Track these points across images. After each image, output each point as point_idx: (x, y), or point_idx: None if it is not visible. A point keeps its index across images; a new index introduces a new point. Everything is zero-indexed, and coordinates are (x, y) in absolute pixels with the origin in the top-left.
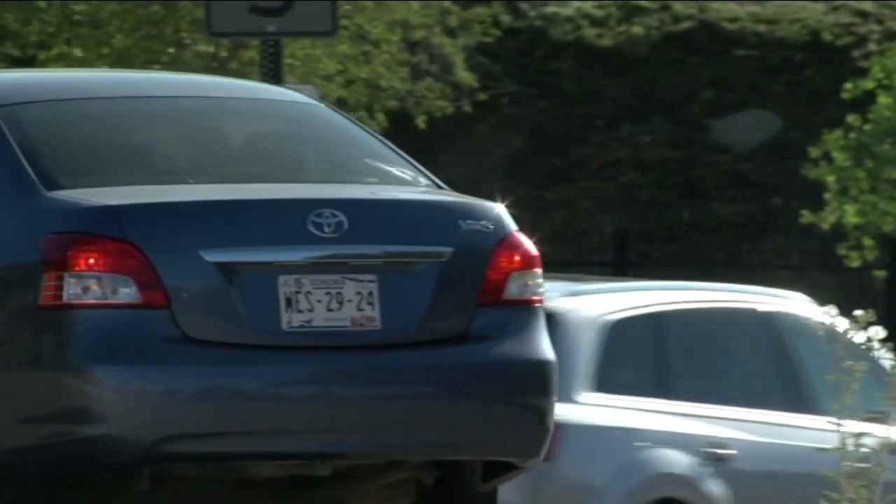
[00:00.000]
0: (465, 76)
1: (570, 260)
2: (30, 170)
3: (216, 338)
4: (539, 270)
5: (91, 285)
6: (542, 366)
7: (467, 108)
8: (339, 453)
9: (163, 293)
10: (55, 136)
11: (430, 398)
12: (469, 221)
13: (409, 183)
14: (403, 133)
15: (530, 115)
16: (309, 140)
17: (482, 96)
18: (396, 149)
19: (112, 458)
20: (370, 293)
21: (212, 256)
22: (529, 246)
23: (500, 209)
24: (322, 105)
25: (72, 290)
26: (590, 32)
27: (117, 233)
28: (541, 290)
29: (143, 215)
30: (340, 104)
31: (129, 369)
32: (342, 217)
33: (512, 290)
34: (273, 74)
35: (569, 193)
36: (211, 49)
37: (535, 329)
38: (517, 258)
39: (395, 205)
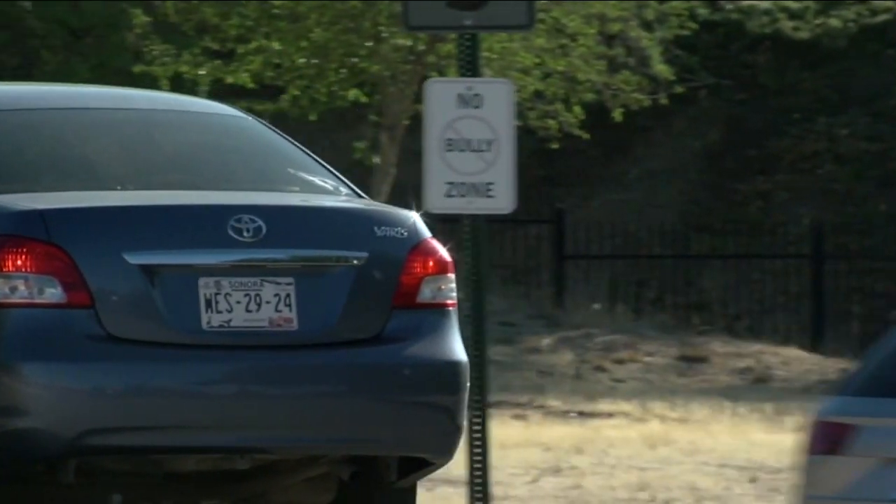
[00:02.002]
0: (661, 69)
1: (765, 253)
2: None
3: (139, 336)
4: (452, 276)
5: (18, 285)
6: (453, 366)
7: (664, 100)
8: (256, 448)
9: (87, 293)
10: None
11: (345, 396)
12: (384, 228)
13: (329, 192)
14: (600, 126)
15: (727, 108)
16: (234, 151)
17: (679, 89)
18: (320, 160)
19: (38, 450)
20: (287, 295)
21: (134, 259)
22: (443, 252)
23: (414, 217)
24: (249, 118)
25: (0, 289)
26: (787, 25)
27: (44, 235)
28: (453, 294)
29: (68, 219)
30: (538, 97)
31: (54, 366)
32: (260, 223)
33: (425, 294)
34: (470, 68)
35: (765, 186)
36: (409, 43)
37: (447, 331)
38: (430, 264)
39: (311, 211)
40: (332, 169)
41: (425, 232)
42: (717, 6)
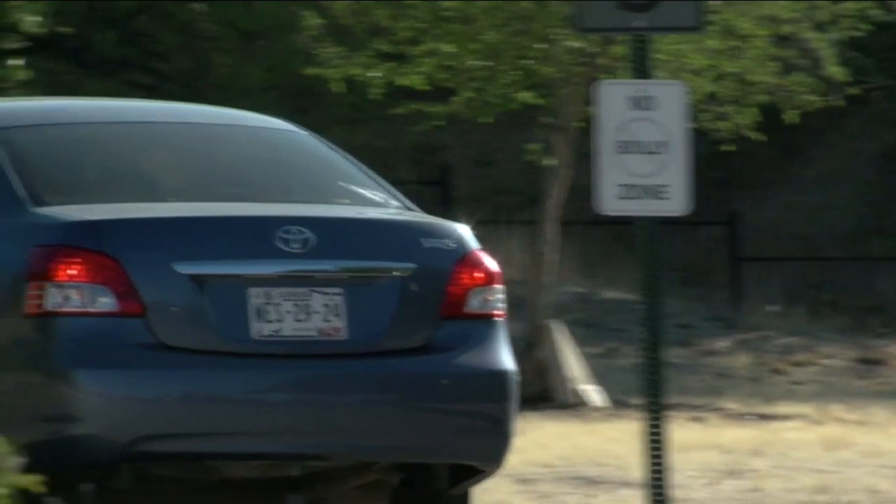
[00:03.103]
0: (835, 71)
1: None
2: (20, 187)
3: (189, 345)
4: (499, 286)
5: (72, 294)
6: (500, 375)
7: (838, 102)
8: (305, 454)
9: (139, 302)
10: (45, 157)
11: (393, 404)
12: (431, 240)
13: (379, 204)
14: (774, 128)
15: None
16: (286, 164)
17: (853, 91)
18: (371, 173)
19: (92, 456)
20: (336, 305)
21: (185, 269)
22: (490, 264)
23: (462, 229)
24: (303, 132)
25: (53, 299)
26: None
27: (96, 246)
28: (501, 304)
29: (120, 230)
30: (710, 99)
31: (106, 373)
32: (309, 234)
33: (473, 304)
34: (641, 70)
35: None
36: (581, 45)
37: (495, 341)
38: (478, 275)
39: (360, 223)
40: (383, 182)
41: (473, 244)
42: (889, 6)
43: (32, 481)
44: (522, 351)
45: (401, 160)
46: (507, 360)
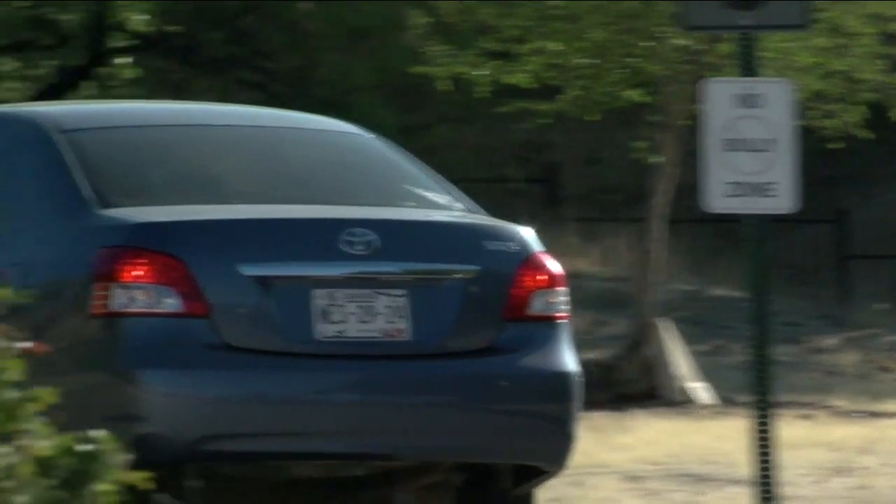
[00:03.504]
0: None
1: None
2: (87, 189)
3: (254, 346)
4: (563, 289)
5: (137, 295)
6: (564, 377)
7: None
8: (369, 454)
9: (204, 303)
10: (112, 159)
11: (457, 405)
12: (495, 242)
13: (444, 207)
14: (881, 125)
15: None
16: (353, 167)
17: None
18: (437, 176)
19: (158, 456)
20: (400, 307)
21: (249, 270)
22: (553, 266)
23: (526, 232)
24: (370, 135)
25: (119, 299)
26: None
27: (162, 247)
28: (564, 306)
29: (185, 231)
30: (817, 96)
31: (171, 373)
32: (373, 236)
33: (536, 306)
34: (748, 67)
35: None
36: (687, 43)
37: (558, 342)
38: (541, 277)
39: (424, 226)
40: (449, 185)
41: (536, 246)
42: None
43: (140, 478)
44: (629, 348)
45: (507, 158)
46: (570, 361)
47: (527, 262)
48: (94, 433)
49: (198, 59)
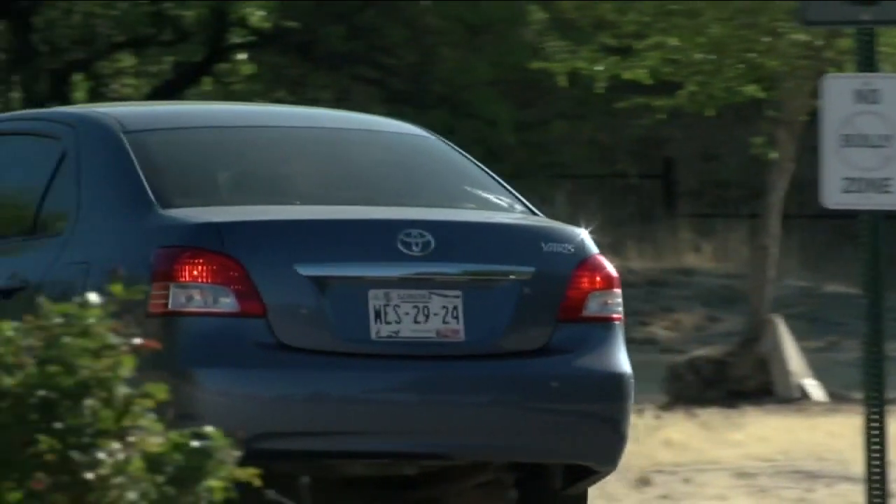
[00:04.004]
0: None
1: None
2: (148, 189)
3: (309, 345)
4: (618, 290)
5: (194, 295)
6: (617, 378)
7: None
8: (423, 454)
9: (260, 303)
10: (174, 159)
11: (511, 405)
12: (551, 244)
13: (504, 209)
14: None
15: None
16: (413, 168)
17: None
18: (497, 178)
19: None
20: (455, 307)
21: (306, 270)
22: (609, 268)
23: (582, 233)
24: (432, 137)
25: (177, 299)
26: None
27: (219, 247)
28: (619, 308)
29: (242, 231)
30: None
31: (227, 372)
32: (429, 237)
33: (591, 307)
34: (868, 63)
35: None
36: (806, 38)
37: (612, 344)
38: (597, 279)
39: (479, 227)
40: (507, 187)
41: (593, 248)
42: None
43: (251, 474)
44: (742, 345)
45: (623, 154)
46: (623, 362)
47: (583, 263)
48: (205, 429)
49: (316, 55)
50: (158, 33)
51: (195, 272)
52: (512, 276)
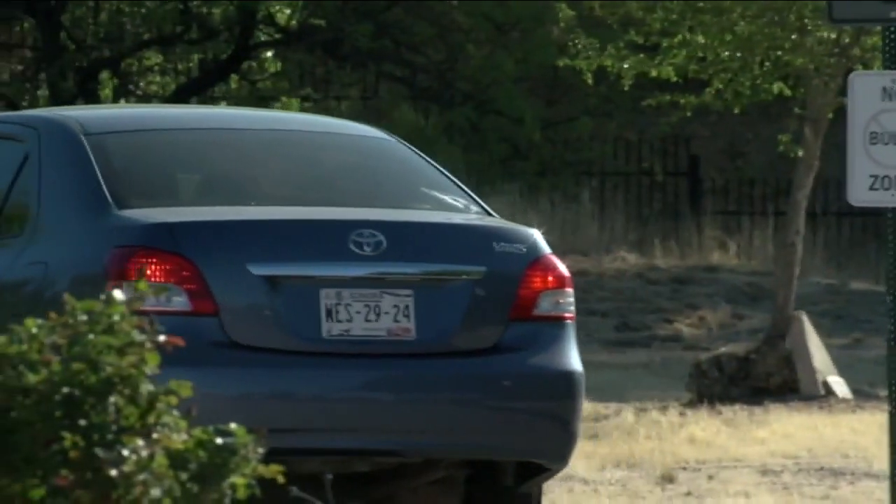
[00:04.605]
0: None
1: None
2: (105, 190)
3: (261, 344)
4: (570, 290)
5: (146, 294)
6: (568, 376)
7: None
8: (374, 451)
9: (212, 302)
10: (132, 161)
11: (462, 403)
12: (503, 244)
13: (459, 210)
14: None
15: None
16: (370, 170)
17: None
18: (455, 180)
19: None
20: (406, 306)
21: (258, 270)
22: (561, 268)
23: (535, 234)
24: (393, 140)
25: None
26: None
27: (172, 247)
28: (571, 307)
29: (195, 231)
30: None
31: (180, 371)
32: (381, 237)
33: (543, 306)
34: (895, 60)
35: None
36: (833, 35)
37: (564, 343)
38: (549, 278)
39: (432, 227)
40: (465, 188)
41: (545, 248)
42: None
43: (275, 471)
44: (767, 342)
45: (650, 151)
46: (575, 361)
47: (535, 263)
48: (229, 426)
49: (342, 53)
50: (185, 31)
51: (147, 272)
52: (463, 276)
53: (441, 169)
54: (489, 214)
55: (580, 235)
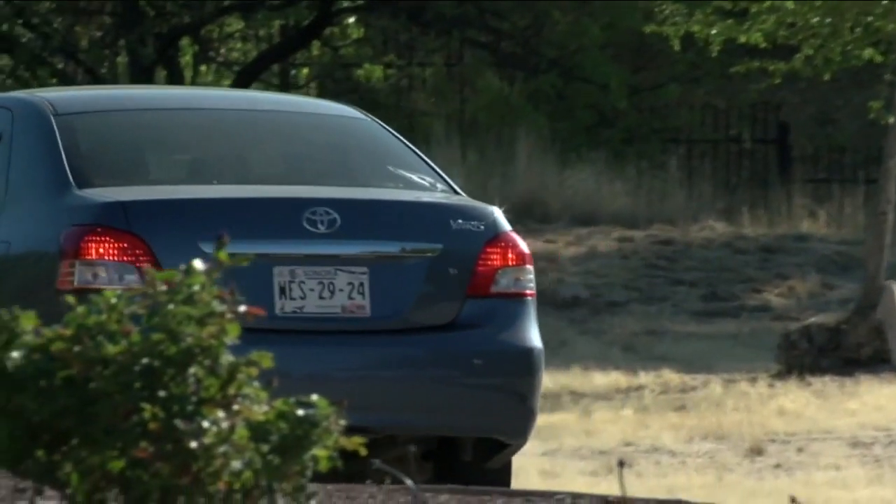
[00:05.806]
0: None
1: None
2: (68, 170)
3: None
4: (529, 267)
5: (99, 272)
6: (526, 352)
7: None
8: None
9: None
10: (97, 141)
11: (418, 380)
12: (460, 221)
13: (425, 188)
14: None
15: None
16: (336, 149)
17: None
18: (424, 158)
19: None
20: (361, 284)
21: (211, 248)
22: (521, 245)
23: (495, 211)
24: (365, 118)
25: (82, 275)
26: None
27: (124, 225)
28: (531, 284)
29: (147, 210)
30: None
31: None
32: (335, 215)
33: (501, 283)
34: None
35: None
36: None
37: (522, 319)
38: (509, 255)
39: (387, 205)
40: (434, 166)
41: (504, 225)
42: None
43: (356, 443)
44: (858, 312)
45: (738, 118)
46: (534, 337)
47: (493, 240)
48: (311, 398)
49: (426, 19)
50: None
51: (101, 250)
52: (419, 253)
53: (413, 148)
54: (456, 193)
55: (667, 204)
